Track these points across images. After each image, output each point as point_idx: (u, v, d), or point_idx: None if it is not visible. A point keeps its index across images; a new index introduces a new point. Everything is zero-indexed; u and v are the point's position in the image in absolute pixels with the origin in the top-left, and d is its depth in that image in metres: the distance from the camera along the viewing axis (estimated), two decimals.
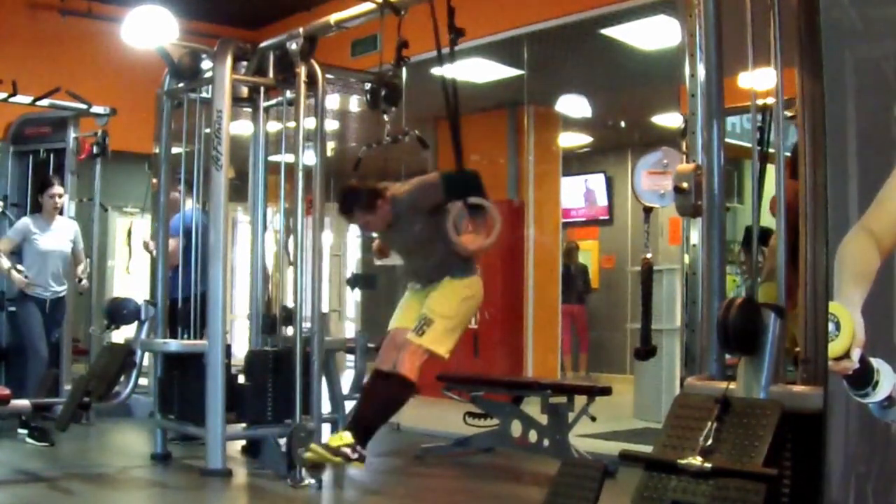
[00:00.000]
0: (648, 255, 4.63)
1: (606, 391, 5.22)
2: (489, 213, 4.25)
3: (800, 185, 2.90)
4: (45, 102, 6.69)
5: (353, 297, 11.10)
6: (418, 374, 4.29)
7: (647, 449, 2.69)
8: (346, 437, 4.14)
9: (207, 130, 5.21)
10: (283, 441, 4.80)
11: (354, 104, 8.41)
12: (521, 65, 7.50)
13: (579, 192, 11.08)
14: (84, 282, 6.48)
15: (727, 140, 3.17)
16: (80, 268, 6.41)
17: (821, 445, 2.39)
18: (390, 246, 4.72)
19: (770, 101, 2.98)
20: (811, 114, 2.86)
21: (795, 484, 2.57)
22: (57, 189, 6.20)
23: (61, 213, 6.38)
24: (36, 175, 6.79)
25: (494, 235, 4.21)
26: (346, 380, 5.98)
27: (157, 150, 5.63)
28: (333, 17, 5.01)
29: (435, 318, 4.32)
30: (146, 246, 5.99)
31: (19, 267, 6.03)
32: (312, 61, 5.08)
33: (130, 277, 8.16)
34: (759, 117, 3.09)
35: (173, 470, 5.14)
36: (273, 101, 5.57)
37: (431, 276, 4.47)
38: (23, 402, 4.91)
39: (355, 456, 4.10)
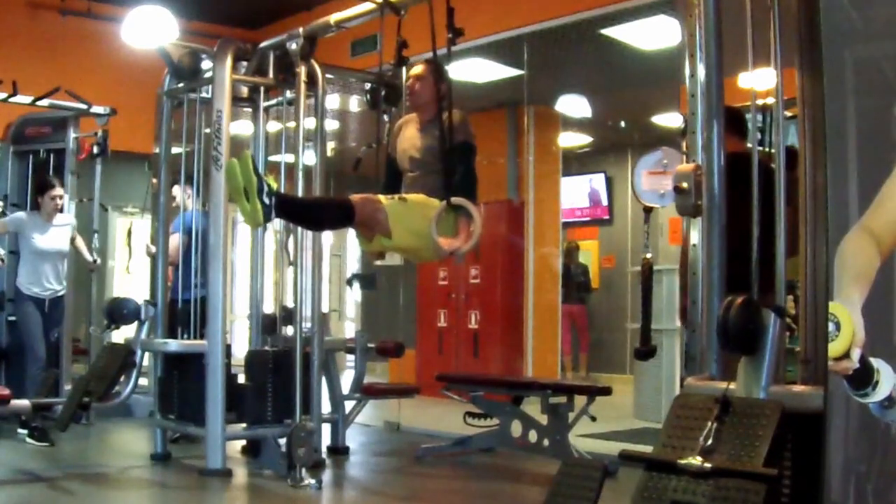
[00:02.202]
0: (648, 255, 4.63)
1: (606, 391, 5.21)
2: (473, 218, 4.15)
3: (800, 185, 2.91)
4: (45, 102, 6.69)
5: (353, 297, 11.11)
6: (361, 211, 3.91)
7: (647, 449, 2.70)
8: (276, 186, 3.83)
9: (207, 130, 5.21)
10: (283, 441, 4.80)
11: (354, 104, 8.41)
12: (521, 65, 7.50)
13: (582, 192, 11.07)
14: (97, 260, 6.64)
15: None
16: (80, 243, 6.44)
17: (821, 445, 2.38)
18: (403, 162, 4.40)
19: (770, 101, 2.98)
20: (811, 114, 2.86)
21: (795, 484, 2.57)
22: (58, 191, 6.20)
23: (61, 212, 6.38)
24: (36, 175, 6.79)
25: (473, 241, 4.13)
26: (346, 380, 5.98)
27: (157, 150, 5.63)
28: (333, 17, 5.01)
29: (410, 202, 4.06)
30: (148, 251, 5.99)
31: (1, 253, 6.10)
32: (312, 61, 5.08)
33: (130, 277, 8.16)
34: (759, 117, 3.09)
35: (173, 470, 5.14)
36: (273, 101, 5.57)
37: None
38: (23, 402, 4.91)
39: (266, 198, 3.69)
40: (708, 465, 2.40)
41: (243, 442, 5.42)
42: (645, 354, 4.63)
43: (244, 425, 4.97)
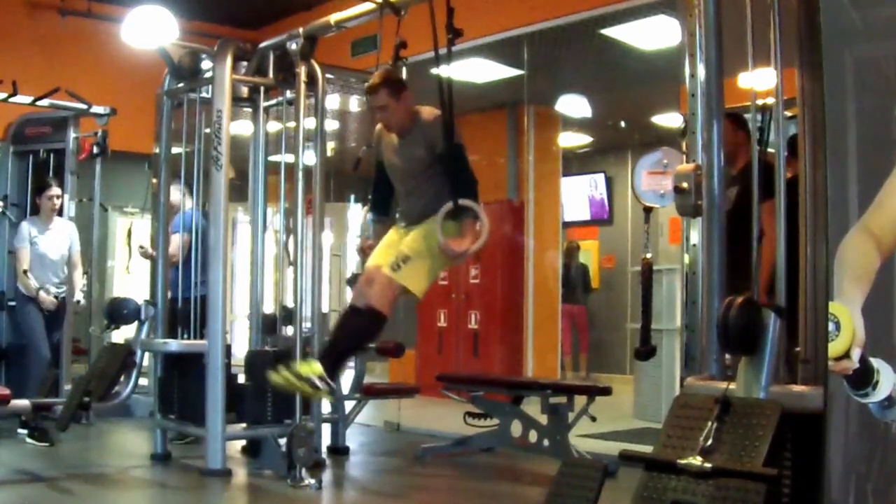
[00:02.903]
0: (648, 255, 4.63)
1: (606, 391, 5.21)
2: (479, 219, 4.17)
3: (800, 185, 2.91)
4: (45, 102, 6.69)
5: None
6: (390, 308, 4.21)
7: (647, 449, 2.70)
8: (317, 366, 4.10)
9: (207, 130, 5.21)
10: (283, 441, 4.80)
11: (354, 104, 8.40)
12: (521, 65, 7.50)
13: (582, 192, 11.07)
14: (82, 301, 6.51)
15: None
16: (77, 277, 6.40)
17: (821, 445, 2.39)
18: (392, 174, 4.49)
19: (770, 101, 2.98)
20: (811, 114, 2.86)
21: (795, 484, 2.57)
22: (55, 191, 6.22)
23: (60, 213, 6.40)
24: (36, 175, 6.79)
25: (481, 242, 4.16)
26: (346, 380, 5.97)
27: (157, 150, 5.63)
28: (333, 17, 5.01)
29: (412, 255, 4.21)
30: (144, 252, 5.99)
31: (48, 287, 6.09)
32: (312, 61, 5.08)
33: (130, 277, 8.16)
34: (759, 117, 3.09)
35: (173, 470, 5.14)
36: (273, 101, 5.57)
37: (418, 215, 4.34)
38: (23, 402, 4.91)
39: (323, 385, 4.06)
40: (708, 465, 2.40)
41: (243, 442, 5.42)
42: (645, 354, 4.64)
43: (244, 425, 4.97)
